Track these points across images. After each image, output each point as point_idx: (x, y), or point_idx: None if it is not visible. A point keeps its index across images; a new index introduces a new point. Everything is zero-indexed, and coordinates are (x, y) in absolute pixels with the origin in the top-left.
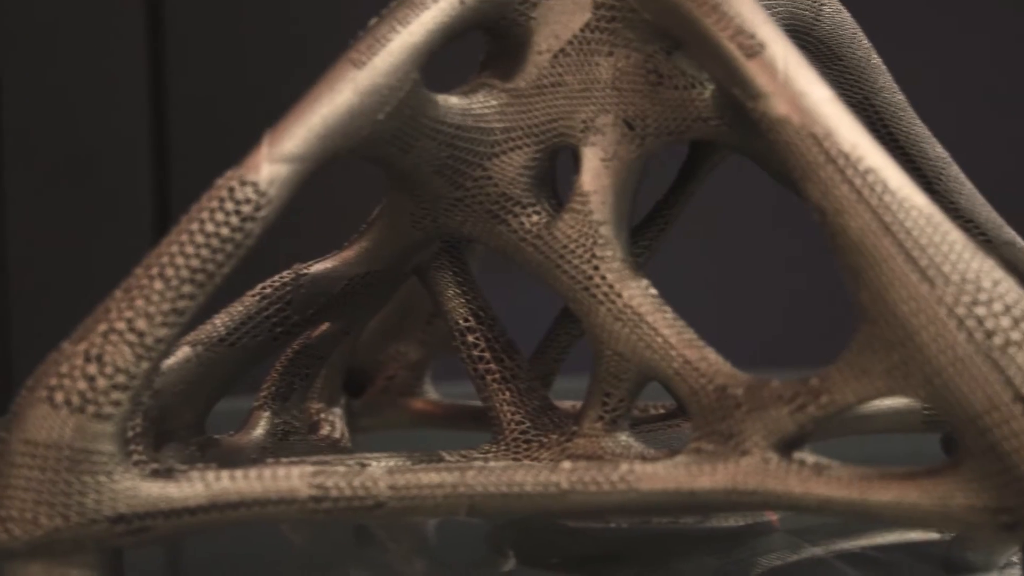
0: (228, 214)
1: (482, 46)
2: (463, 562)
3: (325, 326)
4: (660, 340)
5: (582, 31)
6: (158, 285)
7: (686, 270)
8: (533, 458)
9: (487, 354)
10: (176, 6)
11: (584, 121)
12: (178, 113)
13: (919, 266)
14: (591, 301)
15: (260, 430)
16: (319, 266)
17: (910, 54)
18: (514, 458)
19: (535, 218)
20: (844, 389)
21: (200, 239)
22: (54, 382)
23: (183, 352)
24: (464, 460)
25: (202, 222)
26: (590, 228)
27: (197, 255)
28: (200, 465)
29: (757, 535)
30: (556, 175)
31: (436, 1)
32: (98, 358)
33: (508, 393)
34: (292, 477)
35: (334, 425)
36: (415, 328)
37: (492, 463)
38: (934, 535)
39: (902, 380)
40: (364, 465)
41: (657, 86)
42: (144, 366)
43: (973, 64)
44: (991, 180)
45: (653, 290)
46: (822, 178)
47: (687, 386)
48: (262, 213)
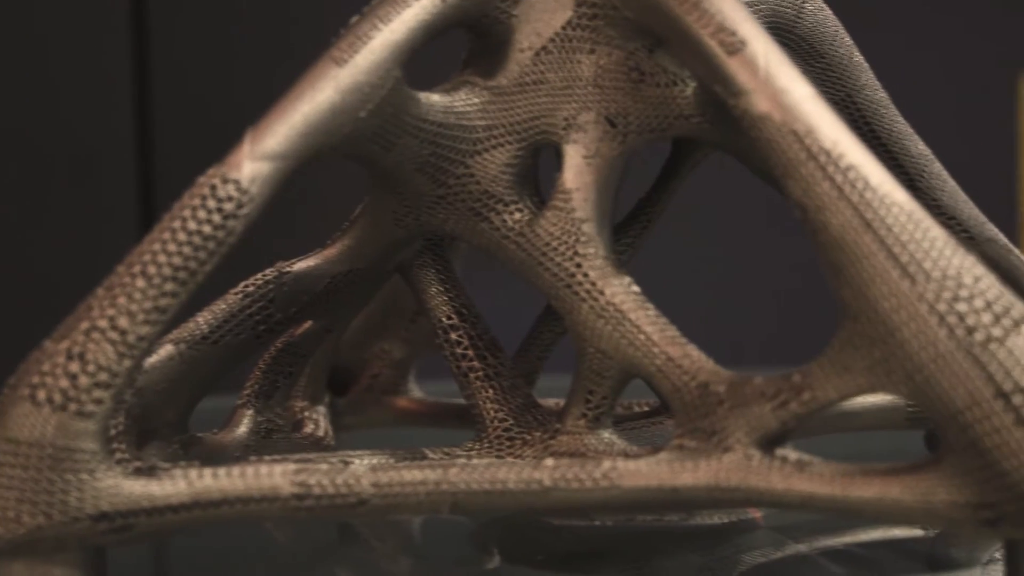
0: (210, 212)
1: (464, 44)
2: (448, 560)
3: (308, 324)
4: (643, 337)
5: (564, 29)
6: (140, 283)
7: (669, 268)
8: (516, 456)
9: (470, 352)
10: (160, 4)
11: (566, 119)
12: (163, 112)
13: (900, 262)
14: (573, 298)
15: (243, 428)
16: (302, 264)
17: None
18: (497, 455)
19: (517, 215)
20: (826, 386)
21: (182, 237)
22: (36, 380)
23: (166, 350)
24: (447, 458)
25: (184, 220)
26: (572, 225)
27: (179, 253)
28: (183, 463)
29: (741, 532)
30: (539, 173)
31: None
32: (80, 356)
33: (491, 391)
34: (275, 475)
35: (318, 423)
36: (399, 326)
37: (475, 460)
38: (918, 532)
39: (884, 376)
40: (347, 463)
41: (639, 83)
42: (126, 364)
43: (954, 62)
44: (972, 177)
45: (636, 287)
46: (803, 175)
47: (670, 383)
48: (244, 211)
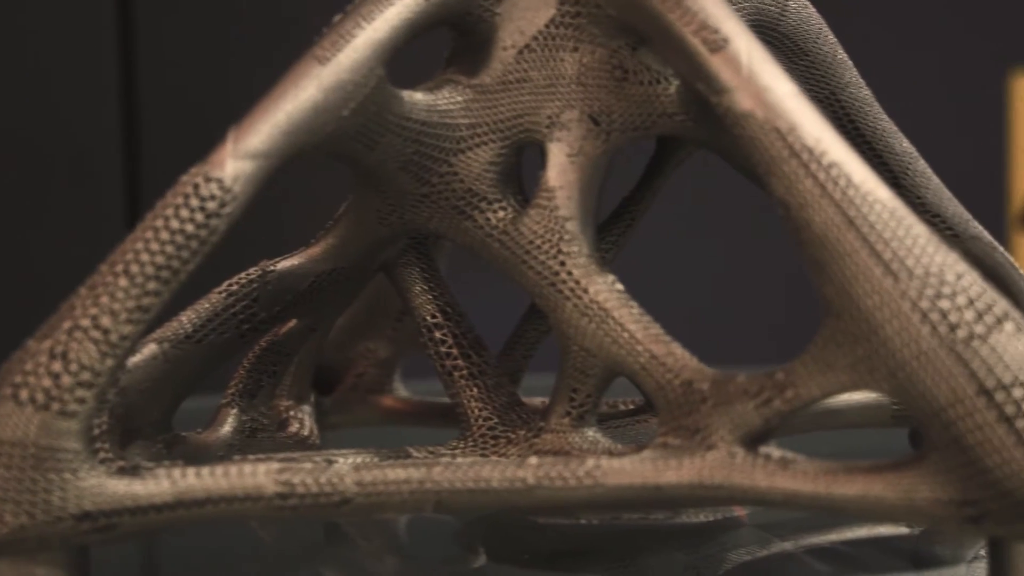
0: (193, 211)
1: (447, 42)
2: (433, 559)
3: (293, 323)
4: (626, 335)
5: (547, 27)
6: (123, 282)
7: (653, 266)
8: (500, 454)
9: (454, 350)
10: (147, 3)
11: (549, 117)
12: (151, 111)
13: (883, 260)
14: (557, 297)
15: (227, 427)
16: (286, 263)
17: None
18: (481, 454)
19: (501, 214)
20: (809, 383)
21: (165, 236)
22: (19, 379)
23: (149, 349)
24: (431, 456)
25: (167, 219)
26: (556, 224)
27: (162, 252)
28: (166, 462)
29: (726, 530)
30: (522, 171)
31: None
32: (63, 355)
33: (475, 389)
34: (258, 474)
35: (303, 422)
36: (384, 325)
37: (459, 459)
38: (903, 529)
39: (867, 374)
40: (331, 462)
41: (622, 82)
42: (109, 363)
43: (939, 60)
44: (963, 175)
45: (619, 285)
46: (786, 172)
47: (653, 381)
48: (227, 210)
